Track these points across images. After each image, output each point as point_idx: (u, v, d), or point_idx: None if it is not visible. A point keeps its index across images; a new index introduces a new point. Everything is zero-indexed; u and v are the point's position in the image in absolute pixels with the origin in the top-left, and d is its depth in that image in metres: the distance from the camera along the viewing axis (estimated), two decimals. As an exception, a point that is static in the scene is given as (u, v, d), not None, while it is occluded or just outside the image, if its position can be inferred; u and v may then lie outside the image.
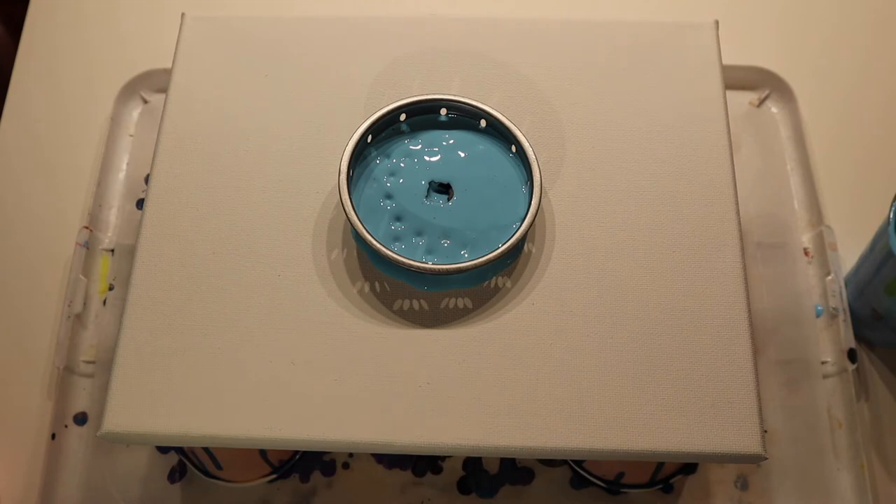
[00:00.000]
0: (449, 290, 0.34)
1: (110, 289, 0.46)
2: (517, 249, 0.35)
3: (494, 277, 0.34)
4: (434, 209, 0.35)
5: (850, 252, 0.47)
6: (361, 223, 0.33)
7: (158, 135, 0.38)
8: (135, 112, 0.52)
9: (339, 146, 0.35)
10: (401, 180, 0.35)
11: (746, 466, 0.43)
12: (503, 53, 0.40)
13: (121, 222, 0.49)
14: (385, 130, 0.37)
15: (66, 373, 0.44)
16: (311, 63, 0.40)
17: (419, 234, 0.34)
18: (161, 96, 0.51)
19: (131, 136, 0.51)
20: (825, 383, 0.44)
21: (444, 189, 0.35)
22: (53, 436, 0.43)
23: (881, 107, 0.54)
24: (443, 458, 0.43)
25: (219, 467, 0.41)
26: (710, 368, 0.33)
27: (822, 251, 0.47)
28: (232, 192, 0.36)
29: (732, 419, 0.32)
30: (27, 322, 0.47)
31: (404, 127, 0.37)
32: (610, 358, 0.33)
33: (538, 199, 0.34)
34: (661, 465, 0.40)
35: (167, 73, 0.40)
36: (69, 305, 0.45)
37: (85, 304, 0.46)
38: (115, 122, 0.51)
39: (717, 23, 0.40)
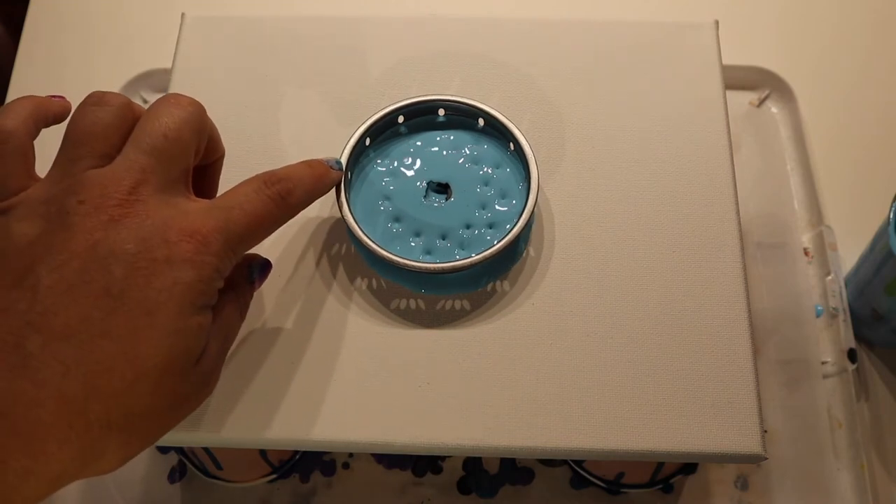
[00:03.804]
0: (447, 294, 0.34)
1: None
2: (514, 251, 0.35)
3: (492, 282, 0.34)
4: (432, 210, 0.35)
5: (850, 252, 0.47)
6: (358, 225, 0.33)
7: (158, 135, 0.38)
8: (135, 112, 0.52)
9: (338, 147, 0.35)
10: (399, 181, 0.35)
11: (746, 466, 0.43)
12: (503, 53, 0.40)
13: (121, 222, 0.49)
14: (383, 132, 0.37)
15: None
16: (311, 63, 0.40)
17: (417, 234, 0.34)
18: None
19: (131, 136, 0.51)
20: (825, 383, 0.44)
21: (443, 189, 0.35)
22: (53, 436, 0.43)
23: (881, 107, 0.54)
24: (443, 458, 0.43)
25: (219, 467, 0.41)
26: (710, 368, 0.33)
27: (822, 251, 0.47)
28: (232, 192, 0.36)
29: (732, 419, 0.32)
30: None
31: (403, 128, 0.37)
32: (610, 358, 0.33)
33: (535, 196, 0.34)
34: (661, 465, 0.40)
35: (167, 73, 0.40)
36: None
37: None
38: (115, 122, 0.51)
39: (717, 23, 0.40)
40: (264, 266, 0.31)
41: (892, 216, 0.40)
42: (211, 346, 0.27)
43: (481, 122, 0.37)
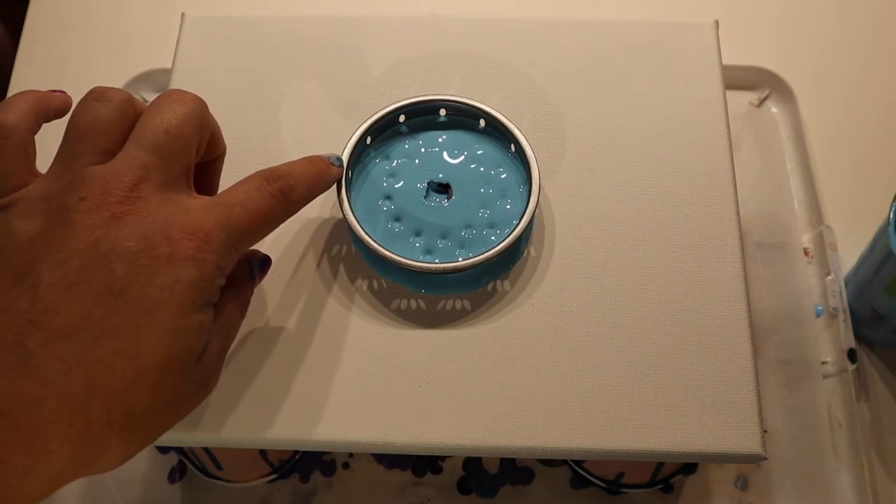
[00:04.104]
0: (448, 294, 0.34)
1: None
2: (514, 251, 0.35)
3: (492, 281, 0.34)
4: (433, 209, 0.35)
5: (850, 252, 0.47)
6: (359, 224, 0.33)
7: (158, 135, 0.38)
8: (135, 112, 0.52)
9: (339, 146, 0.35)
10: (400, 181, 0.36)
11: (746, 466, 0.43)
12: (503, 53, 0.40)
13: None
14: (384, 132, 0.37)
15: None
16: (311, 63, 0.40)
17: (418, 234, 0.34)
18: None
19: (131, 136, 0.51)
20: (825, 383, 0.44)
21: (444, 189, 0.35)
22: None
23: (881, 107, 0.54)
24: (443, 458, 0.43)
25: (219, 467, 0.41)
26: (710, 368, 0.33)
27: (822, 251, 0.47)
28: (232, 192, 0.36)
29: (732, 419, 0.32)
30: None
31: (403, 128, 0.37)
32: (610, 358, 0.33)
33: (536, 198, 0.34)
34: (661, 465, 0.40)
35: (167, 73, 0.40)
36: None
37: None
38: (115, 122, 0.51)
39: (717, 23, 0.40)
40: (264, 262, 0.32)
41: (892, 216, 0.40)
42: (212, 345, 0.27)
43: (482, 122, 0.37)
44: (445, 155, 0.36)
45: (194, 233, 0.26)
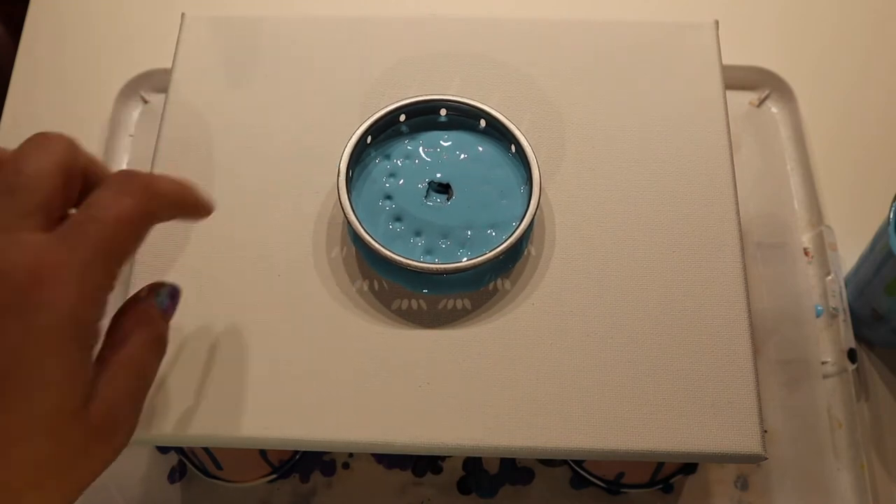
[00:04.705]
0: (448, 294, 0.34)
1: (110, 289, 0.46)
2: (515, 251, 0.35)
3: (493, 280, 0.34)
4: (433, 209, 0.35)
5: (850, 252, 0.47)
6: (360, 223, 0.33)
7: (158, 135, 0.38)
8: (135, 112, 0.52)
9: (339, 146, 0.35)
10: (400, 181, 0.36)
11: (746, 466, 0.43)
12: (503, 53, 0.40)
13: (121, 222, 0.48)
14: (385, 131, 0.37)
15: (66, 373, 0.44)
16: (310, 63, 0.40)
17: (418, 234, 0.34)
18: (161, 96, 0.51)
19: (131, 136, 0.51)
20: (825, 383, 0.44)
21: (444, 189, 0.35)
22: (53, 436, 0.43)
23: (881, 107, 0.54)
24: (443, 458, 0.43)
25: (219, 467, 0.41)
26: (710, 368, 0.33)
27: (822, 251, 0.47)
28: (232, 192, 0.36)
29: (732, 419, 0.32)
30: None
31: (404, 128, 0.37)
32: (610, 358, 0.33)
33: (537, 199, 0.34)
34: (661, 465, 0.40)
35: (167, 73, 0.40)
36: (69, 305, 0.45)
37: (85, 304, 0.46)
38: (115, 122, 0.51)
39: (717, 23, 0.40)
40: (173, 293, 0.29)
41: (892, 216, 0.40)
42: (107, 389, 0.25)
43: (482, 122, 0.37)
44: (446, 155, 0.36)
45: (38, 273, 0.23)
